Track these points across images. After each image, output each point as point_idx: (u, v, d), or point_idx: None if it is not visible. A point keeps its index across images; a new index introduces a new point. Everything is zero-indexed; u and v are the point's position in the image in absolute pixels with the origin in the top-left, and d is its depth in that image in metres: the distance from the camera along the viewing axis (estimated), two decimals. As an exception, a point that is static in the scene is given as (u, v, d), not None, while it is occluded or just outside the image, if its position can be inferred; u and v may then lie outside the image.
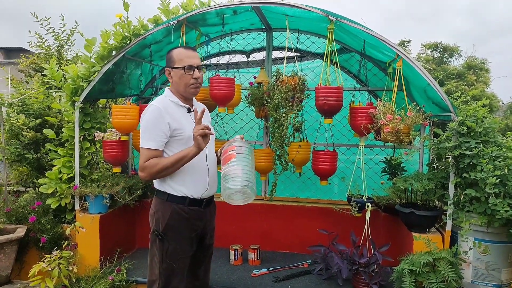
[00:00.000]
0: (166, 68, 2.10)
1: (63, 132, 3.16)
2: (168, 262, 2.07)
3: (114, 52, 3.06)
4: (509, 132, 2.86)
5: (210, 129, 1.97)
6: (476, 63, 19.45)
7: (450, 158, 2.56)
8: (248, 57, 4.02)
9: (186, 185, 2.06)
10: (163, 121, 1.98)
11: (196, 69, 2.06)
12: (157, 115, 1.98)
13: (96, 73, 3.02)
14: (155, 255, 2.11)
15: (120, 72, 3.19)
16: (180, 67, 2.04)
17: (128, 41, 3.04)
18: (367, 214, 2.81)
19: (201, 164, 2.10)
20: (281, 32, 3.65)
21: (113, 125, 3.04)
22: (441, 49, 21.34)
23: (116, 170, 3.17)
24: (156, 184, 2.13)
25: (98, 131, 3.31)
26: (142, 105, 3.12)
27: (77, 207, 3.08)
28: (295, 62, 3.47)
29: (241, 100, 3.36)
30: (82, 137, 3.16)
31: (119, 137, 3.15)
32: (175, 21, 2.86)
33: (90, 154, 3.26)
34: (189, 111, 2.11)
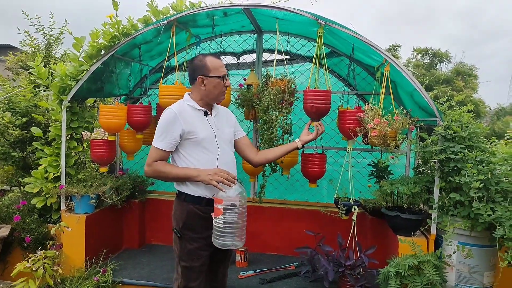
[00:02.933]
0: (200, 76, 2.14)
1: (50, 131, 3.13)
2: (187, 261, 2.15)
3: (103, 51, 3.04)
4: (493, 138, 2.91)
5: (230, 180, 2.03)
6: (464, 69, 19.76)
7: (436, 162, 2.60)
8: (238, 59, 4.02)
9: (200, 187, 2.13)
10: (175, 126, 2.07)
11: (227, 78, 2.21)
12: (171, 119, 2.07)
13: (84, 72, 3.00)
14: (176, 254, 2.19)
15: (109, 72, 3.17)
16: (217, 76, 2.14)
17: (118, 41, 3.02)
18: (354, 217, 2.82)
19: (210, 165, 2.14)
20: (272, 35, 3.67)
21: (100, 125, 3.02)
22: (431, 55, 21.65)
23: (103, 170, 3.15)
24: (176, 185, 2.20)
25: (85, 131, 3.28)
26: (130, 105, 3.11)
27: (63, 207, 3.04)
28: (285, 64, 3.49)
29: (231, 102, 3.36)
30: (69, 136, 3.13)
31: (107, 137, 3.13)
32: (165, 22, 2.86)
33: (77, 154, 3.23)
34: (205, 114, 2.19)
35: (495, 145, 3.11)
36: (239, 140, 2.38)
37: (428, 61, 22.44)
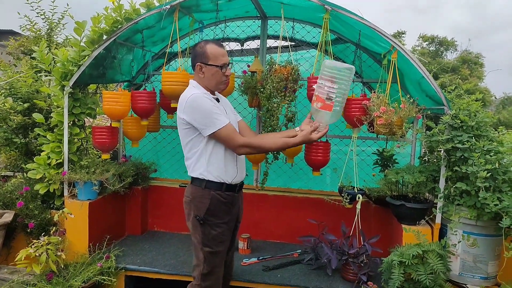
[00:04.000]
0: (198, 63, 2.13)
1: (52, 117, 3.10)
2: (210, 246, 2.18)
3: (105, 37, 2.99)
4: (501, 127, 2.87)
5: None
6: (470, 58, 19.53)
7: (442, 151, 2.56)
8: (242, 45, 3.96)
9: (221, 171, 2.17)
10: (211, 100, 2.12)
11: (228, 67, 2.18)
12: (206, 98, 2.09)
13: (86, 58, 2.95)
14: (198, 241, 2.19)
15: (111, 57, 3.12)
16: (215, 65, 2.13)
17: (120, 26, 2.97)
18: (358, 206, 2.80)
19: (232, 151, 2.20)
20: (276, 21, 3.60)
21: (104, 112, 2.99)
22: (437, 43, 21.38)
23: (105, 156, 3.13)
24: (193, 172, 2.20)
25: (88, 117, 3.26)
26: (133, 92, 3.07)
27: (66, 193, 3.04)
28: (289, 51, 3.43)
29: (234, 89, 3.32)
30: (71, 122, 3.10)
31: (110, 124, 3.10)
32: (168, 6, 2.80)
33: (80, 140, 3.21)
34: (217, 100, 2.23)
35: (503, 134, 3.07)
36: (238, 123, 2.40)
37: (434, 49, 22.18)
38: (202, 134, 2.10)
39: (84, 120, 3.23)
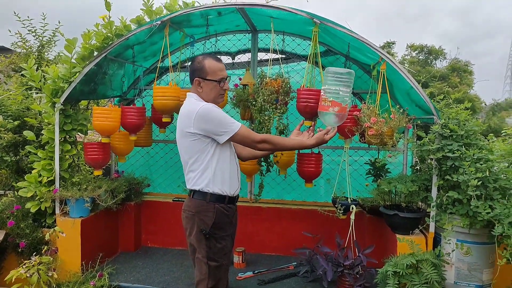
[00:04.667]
0: (197, 78, 2.16)
1: (42, 134, 3.08)
2: (216, 260, 2.16)
3: (96, 53, 3.00)
4: (490, 134, 2.91)
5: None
6: (459, 66, 19.81)
7: (433, 161, 2.58)
8: (233, 58, 3.99)
9: (225, 185, 2.18)
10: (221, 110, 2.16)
11: (226, 81, 2.21)
12: (216, 108, 2.13)
13: (77, 74, 2.96)
14: (202, 255, 2.16)
15: (102, 73, 3.13)
16: (213, 80, 2.15)
17: (110, 42, 2.98)
18: (352, 216, 2.81)
19: (233, 163, 2.24)
20: (267, 34, 3.64)
21: (94, 127, 2.98)
22: (426, 52, 21.69)
23: (97, 173, 3.11)
24: (196, 185, 2.18)
25: (79, 133, 3.24)
26: (124, 107, 3.06)
27: (57, 211, 3.00)
28: (280, 64, 3.46)
29: (227, 102, 3.33)
30: (62, 139, 3.09)
31: (100, 139, 3.09)
32: (159, 22, 2.82)
33: (71, 157, 3.18)
34: None
35: (492, 141, 3.11)
36: None
37: (424, 58, 22.49)
38: (218, 141, 2.12)
39: (75, 137, 3.21)
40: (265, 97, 2.81)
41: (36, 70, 3.18)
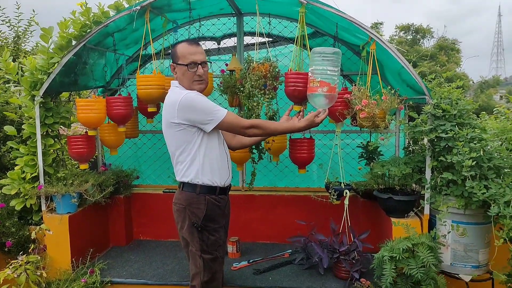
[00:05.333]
0: (171, 63, 2.14)
1: (24, 129, 2.96)
2: (210, 252, 2.13)
3: (74, 42, 2.86)
4: (483, 113, 2.86)
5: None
6: (447, 44, 19.82)
7: (426, 142, 2.53)
8: (219, 43, 3.87)
9: (215, 175, 2.13)
10: (205, 97, 2.09)
11: (200, 66, 2.09)
12: (200, 95, 2.07)
13: (55, 65, 2.82)
14: (196, 248, 2.12)
15: (82, 63, 3.00)
16: (183, 64, 2.07)
17: (89, 30, 2.85)
18: (346, 201, 2.77)
19: (223, 152, 2.19)
20: (252, 17, 3.52)
21: (78, 120, 2.87)
22: (414, 31, 21.62)
23: (83, 167, 3.01)
24: (185, 177, 2.12)
25: (62, 126, 3.13)
26: (109, 98, 2.95)
27: (43, 208, 2.91)
28: (267, 47, 3.36)
29: (214, 89, 3.24)
30: (45, 133, 2.97)
31: (86, 132, 2.98)
32: (138, 7, 2.69)
33: (55, 151, 3.07)
34: None
35: (484, 120, 3.07)
36: None
37: (411, 37, 22.42)
38: (204, 130, 2.06)
39: (58, 130, 3.09)
40: (252, 83, 2.72)
41: (14, 62, 3.04)
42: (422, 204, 2.58)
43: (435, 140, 2.43)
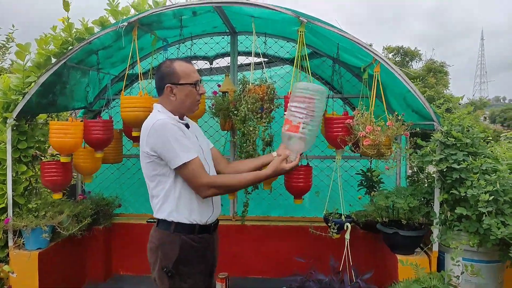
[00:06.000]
0: (168, 84, 1.83)
1: (-7, 154, 2.69)
2: None
3: (54, 60, 2.63)
4: (490, 143, 2.69)
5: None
6: (435, 66, 20.08)
7: (435, 171, 2.34)
8: (211, 63, 3.68)
9: (194, 212, 1.84)
10: (179, 129, 1.78)
11: (201, 84, 1.92)
12: (172, 126, 1.77)
13: (32, 84, 2.58)
14: None
15: (62, 83, 2.76)
16: (188, 83, 1.84)
17: (70, 47, 2.62)
18: (347, 236, 2.54)
19: None
20: (247, 36, 3.35)
21: (51, 145, 2.61)
22: (402, 53, 21.92)
23: (57, 196, 2.72)
24: (159, 213, 1.83)
25: (37, 151, 2.86)
26: (87, 121, 2.70)
27: (10, 243, 2.60)
28: (262, 68, 3.18)
29: (205, 111, 3.02)
30: (17, 159, 2.70)
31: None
32: (125, 23, 2.49)
33: (28, 179, 2.79)
34: (187, 126, 1.90)
35: (492, 147, 2.91)
36: (211, 151, 2.10)
37: (400, 59, 22.73)
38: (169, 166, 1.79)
39: (32, 156, 2.82)
40: (249, 106, 2.51)
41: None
42: (432, 241, 2.36)
43: (446, 170, 2.23)
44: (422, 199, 2.46)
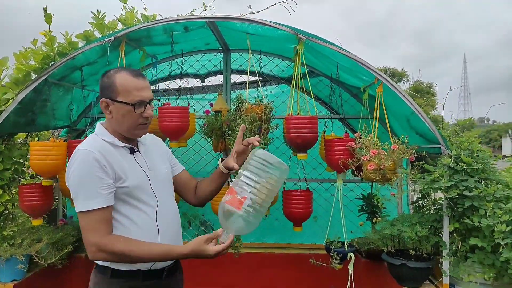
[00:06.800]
0: (103, 99, 1.51)
1: (-35, 176, 2.46)
2: None
3: (34, 76, 2.45)
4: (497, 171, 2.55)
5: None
6: (422, 87, 20.32)
7: (444, 199, 2.19)
8: (203, 81, 3.53)
9: None
10: (100, 167, 1.43)
11: (148, 105, 1.52)
12: (91, 160, 1.43)
13: (9, 102, 2.39)
14: None
15: (43, 100, 2.56)
16: (126, 103, 1.47)
17: (52, 62, 2.44)
18: (350, 267, 2.37)
19: (147, 225, 1.52)
20: (240, 54, 3.22)
21: (31, 167, 2.40)
22: (390, 74, 22.21)
23: (36, 222, 2.50)
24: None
25: (15, 174, 2.64)
26: (71, 141, 2.50)
27: (-20, 276, 2.36)
28: (257, 87, 3.04)
29: (196, 131, 2.85)
30: (-9, 182, 2.48)
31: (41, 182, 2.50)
32: (112, 38, 2.33)
33: (3, 204, 2.56)
34: (131, 151, 1.56)
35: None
36: (178, 177, 1.77)
37: (388, 80, 23.00)
38: None
39: (9, 178, 2.59)
40: (247, 126, 2.34)
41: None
42: (444, 273, 2.18)
43: (458, 198, 2.08)
44: (431, 227, 2.30)
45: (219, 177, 1.74)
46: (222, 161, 1.73)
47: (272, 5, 2.55)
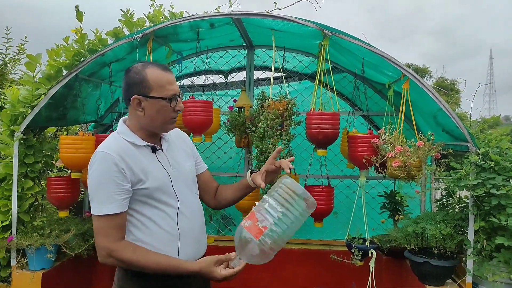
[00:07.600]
0: (135, 96, 1.46)
1: (-1, 168, 2.57)
2: None
3: (65, 72, 2.53)
4: None
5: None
6: (446, 84, 19.87)
7: (470, 197, 2.16)
8: (226, 77, 3.57)
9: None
10: (118, 171, 1.41)
11: (179, 99, 1.52)
12: (109, 164, 1.42)
13: (41, 97, 2.47)
14: None
15: (73, 95, 2.65)
16: (161, 98, 1.46)
17: (82, 59, 2.52)
18: (371, 264, 2.36)
19: (169, 226, 1.50)
20: (264, 50, 3.23)
21: (61, 160, 2.48)
22: (414, 70, 21.83)
23: (63, 214, 2.58)
24: None
25: (45, 167, 2.73)
26: (98, 136, 2.57)
27: (13, 262, 2.45)
28: (281, 83, 3.05)
29: (220, 127, 2.89)
30: (24, 174, 2.57)
31: (70, 174, 2.59)
32: (140, 35, 2.38)
33: (34, 195, 2.66)
34: (153, 150, 1.53)
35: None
36: (199, 176, 1.74)
37: (410, 76, 22.58)
38: None
39: (39, 171, 2.69)
40: (268, 122, 2.36)
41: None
42: (468, 272, 2.16)
43: (484, 196, 2.05)
44: (456, 226, 2.28)
45: (245, 188, 1.73)
46: (251, 173, 1.71)
47: (298, 1, 2.55)
